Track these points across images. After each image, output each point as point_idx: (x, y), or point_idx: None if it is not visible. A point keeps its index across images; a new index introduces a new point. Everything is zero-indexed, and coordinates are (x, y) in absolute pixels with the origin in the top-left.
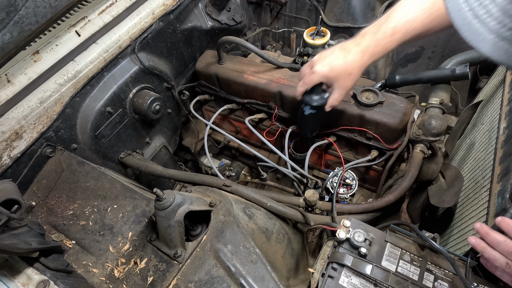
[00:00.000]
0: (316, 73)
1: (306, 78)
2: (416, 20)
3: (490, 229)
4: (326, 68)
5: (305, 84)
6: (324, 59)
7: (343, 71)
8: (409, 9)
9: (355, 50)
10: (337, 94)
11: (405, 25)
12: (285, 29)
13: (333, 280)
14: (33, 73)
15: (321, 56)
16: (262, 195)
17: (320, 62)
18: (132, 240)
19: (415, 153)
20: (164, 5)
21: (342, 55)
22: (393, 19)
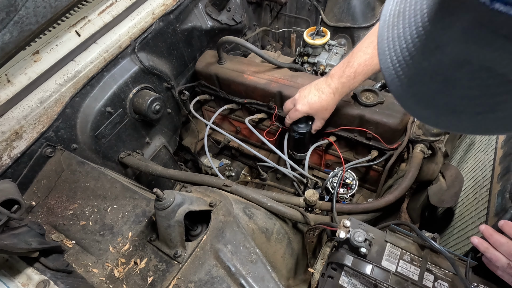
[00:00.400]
0: (299, 111)
1: (291, 114)
2: (373, 62)
3: (494, 231)
4: (306, 107)
5: (291, 118)
6: (304, 99)
7: (320, 107)
8: (365, 53)
9: (327, 91)
10: (318, 122)
11: (364, 68)
12: (285, 29)
13: (333, 280)
14: (33, 73)
15: (300, 95)
16: (262, 195)
17: (300, 102)
18: (132, 240)
19: (415, 153)
20: (164, 5)
21: (318, 95)
22: (354, 64)
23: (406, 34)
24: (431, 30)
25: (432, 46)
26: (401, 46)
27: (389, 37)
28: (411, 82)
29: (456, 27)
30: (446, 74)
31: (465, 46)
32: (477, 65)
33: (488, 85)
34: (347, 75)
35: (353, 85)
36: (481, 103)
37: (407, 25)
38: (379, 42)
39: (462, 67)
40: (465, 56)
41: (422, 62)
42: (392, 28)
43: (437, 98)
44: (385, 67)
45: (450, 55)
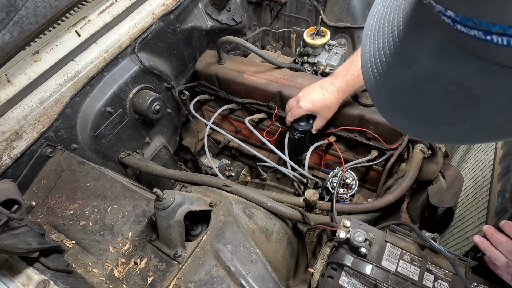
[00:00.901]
0: (302, 108)
1: (293, 111)
2: None
3: (495, 230)
4: (309, 105)
5: (293, 116)
6: (307, 96)
7: (323, 106)
8: None
9: (331, 89)
10: (320, 121)
11: None
12: (285, 29)
13: (333, 280)
14: (33, 73)
15: (304, 93)
16: (262, 195)
17: (304, 99)
18: (132, 240)
19: (415, 153)
20: (164, 5)
21: (321, 93)
22: (358, 63)
23: (385, 48)
24: (406, 44)
25: (407, 59)
26: (381, 59)
27: (371, 51)
28: (390, 94)
29: (427, 42)
30: (421, 87)
31: (436, 60)
32: (447, 79)
33: (457, 98)
34: (351, 74)
35: (357, 84)
36: (452, 115)
37: (386, 40)
38: (362, 55)
39: (435, 81)
40: (436, 70)
41: (400, 75)
42: (373, 42)
43: (413, 110)
44: (367, 79)
45: (424, 69)
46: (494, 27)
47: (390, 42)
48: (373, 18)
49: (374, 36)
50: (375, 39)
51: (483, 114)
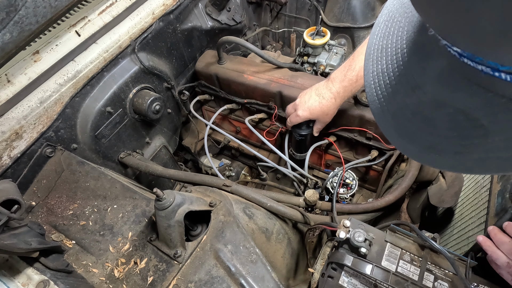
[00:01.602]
0: (299, 117)
1: (292, 118)
2: None
3: (499, 231)
4: (306, 113)
5: (292, 123)
6: (304, 105)
7: (321, 113)
8: None
9: (328, 96)
10: (319, 125)
11: None
12: (285, 29)
13: (333, 280)
14: (33, 73)
15: (301, 100)
16: (262, 195)
17: (301, 108)
18: (132, 240)
19: None
20: (164, 5)
21: (318, 100)
22: (356, 67)
23: (389, 70)
24: (410, 69)
25: (412, 84)
26: (384, 81)
27: (374, 71)
28: (395, 117)
29: (432, 69)
30: (426, 113)
31: (441, 89)
32: (453, 108)
33: (464, 127)
34: (349, 79)
35: (355, 89)
36: (459, 144)
37: (390, 61)
38: (365, 74)
39: (441, 108)
40: (442, 98)
41: (405, 99)
42: (376, 62)
43: (418, 135)
44: (372, 100)
45: (429, 95)
46: (503, 67)
47: (394, 64)
48: (375, 37)
49: (377, 56)
50: (378, 59)
51: (492, 146)
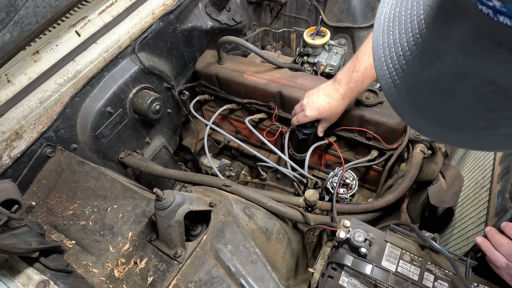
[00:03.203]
0: (308, 117)
1: (299, 118)
2: None
3: (497, 232)
4: (315, 113)
5: (299, 122)
6: (313, 105)
7: (330, 113)
8: (370, 56)
9: (336, 96)
10: (325, 124)
11: (371, 71)
12: (285, 29)
13: (333, 280)
14: (33, 73)
15: (309, 101)
16: (262, 195)
17: (309, 108)
18: (132, 240)
19: (415, 153)
20: (164, 5)
21: (327, 101)
22: (360, 68)
23: (402, 40)
24: (429, 38)
25: (430, 55)
26: (397, 53)
27: (385, 43)
28: (409, 92)
29: (456, 37)
30: (446, 86)
31: (466, 57)
32: (479, 78)
33: (491, 100)
34: (354, 80)
35: (362, 89)
36: (484, 119)
37: (403, 30)
38: (374, 47)
39: (464, 80)
40: (466, 68)
41: (421, 72)
42: (388, 33)
43: (437, 111)
44: (381, 74)
45: (451, 66)
46: None
47: (409, 33)
48: (386, 5)
49: (389, 25)
50: (390, 29)
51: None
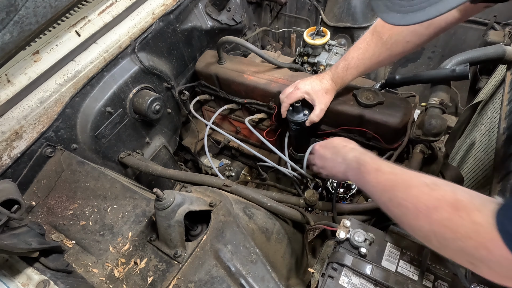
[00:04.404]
0: (299, 89)
1: (290, 94)
2: (364, 56)
3: None
4: (308, 87)
5: (289, 99)
6: (305, 81)
7: (321, 89)
8: (358, 48)
9: (327, 78)
10: (318, 109)
11: (357, 62)
12: (285, 29)
13: (333, 280)
14: (33, 73)
15: (302, 80)
16: (262, 195)
17: (302, 83)
18: (132, 240)
19: (415, 153)
20: (164, 5)
21: (319, 80)
22: (348, 57)
23: None
24: None
25: None
26: None
27: None
28: None
29: None
30: None
31: None
32: None
33: None
34: (341, 67)
35: (346, 78)
36: None
37: None
38: None
39: None
40: None
41: None
42: None
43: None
44: None
45: None
46: None
47: None
48: None
49: None
50: None
51: None
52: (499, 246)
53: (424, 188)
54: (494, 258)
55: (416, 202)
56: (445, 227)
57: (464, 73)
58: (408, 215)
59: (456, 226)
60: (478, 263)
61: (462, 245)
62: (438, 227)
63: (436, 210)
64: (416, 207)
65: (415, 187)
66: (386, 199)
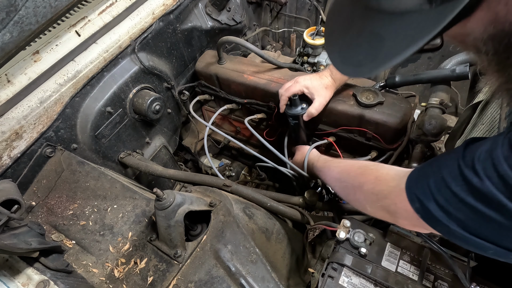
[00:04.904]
0: (299, 83)
1: (290, 88)
2: None
3: None
4: (308, 81)
5: (288, 91)
6: (306, 76)
7: (321, 84)
8: None
9: (327, 75)
10: (317, 103)
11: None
12: (285, 29)
13: (333, 280)
14: (33, 73)
15: (302, 76)
16: (262, 195)
17: (302, 77)
18: (132, 240)
19: (415, 153)
20: (164, 5)
21: (319, 77)
22: None
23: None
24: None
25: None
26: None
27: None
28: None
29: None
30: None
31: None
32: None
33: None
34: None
35: (342, 77)
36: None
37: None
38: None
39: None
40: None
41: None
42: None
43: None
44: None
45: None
46: None
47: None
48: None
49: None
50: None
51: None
52: (403, 201)
53: (357, 171)
54: (401, 211)
55: (352, 181)
56: (372, 194)
57: (464, 73)
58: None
59: (377, 191)
60: (395, 217)
61: (383, 205)
62: (368, 195)
63: (365, 184)
64: (353, 185)
65: (352, 171)
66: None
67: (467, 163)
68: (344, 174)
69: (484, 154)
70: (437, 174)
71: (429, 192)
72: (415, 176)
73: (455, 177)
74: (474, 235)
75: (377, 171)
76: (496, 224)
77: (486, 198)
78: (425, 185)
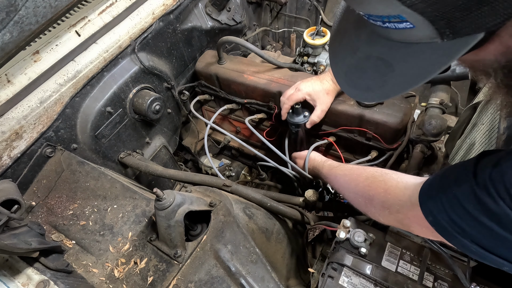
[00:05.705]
0: (301, 91)
1: (292, 96)
2: None
3: None
4: (309, 88)
5: (291, 100)
6: (307, 82)
7: (322, 90)
8: None
9: (328, 78)
10: (319, 109)
11: None
12: (285, 29)
13: (333, 280)
14: (33, 73)
15: (303, 81)
16: (262, 195)
17: (303, 84)
18: (132, 240)
19: (415, 153)
20: (164, 5)
21: (320, 81)
22: None
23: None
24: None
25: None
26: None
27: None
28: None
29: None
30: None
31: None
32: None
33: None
34: None
35: None
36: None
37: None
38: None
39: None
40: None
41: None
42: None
43: (358, 82)
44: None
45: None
46: (384, 17)
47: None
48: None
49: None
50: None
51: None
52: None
53: (365, 182)
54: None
55: (362, 193)
56: (383, 208)
57: (464, 73)
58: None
59: (389, 206)
60: (409, 228)
61: (396, 218)
62: (379, 208)
63: (375, 198)
64: (363, 197)
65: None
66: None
67: (480, 183)
68: (352, 184)
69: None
70: (449, 191)
71: (442, 209)
72: (427, 190)
73: (468, 196)
74: (490, 251)
75: (385, 184)
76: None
77: (501, 219)
78: (438, 201)
